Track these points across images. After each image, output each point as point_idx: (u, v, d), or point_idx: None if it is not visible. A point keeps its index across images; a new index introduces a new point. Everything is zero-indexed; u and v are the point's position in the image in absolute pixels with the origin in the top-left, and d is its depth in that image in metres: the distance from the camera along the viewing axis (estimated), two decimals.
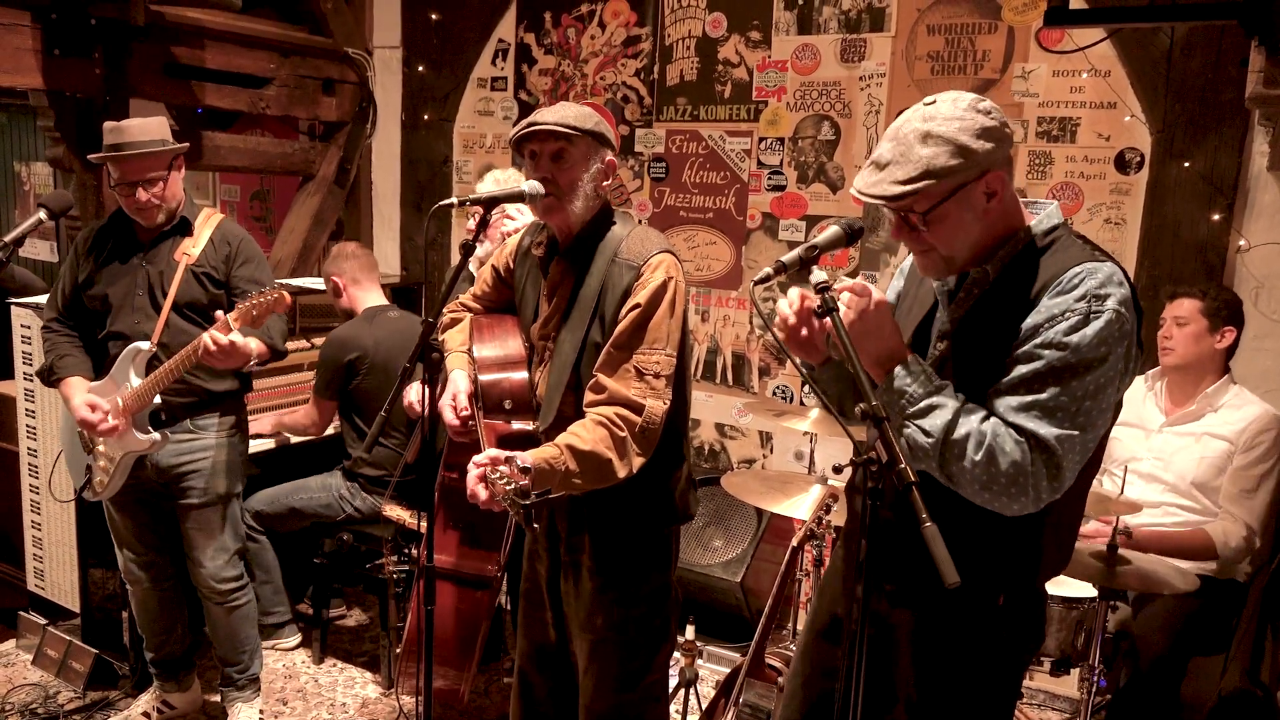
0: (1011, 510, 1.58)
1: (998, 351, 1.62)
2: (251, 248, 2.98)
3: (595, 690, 2.14)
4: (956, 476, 1.59)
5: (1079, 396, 1.54)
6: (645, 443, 1.95)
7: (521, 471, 1.72)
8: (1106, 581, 2.42)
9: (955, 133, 1.57)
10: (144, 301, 2.87)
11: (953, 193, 1.59)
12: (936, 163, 1.57)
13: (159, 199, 2.83)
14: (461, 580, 2.60)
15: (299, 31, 4.56)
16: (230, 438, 3.01)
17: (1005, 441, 1.54)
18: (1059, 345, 1.54)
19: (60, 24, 3.57)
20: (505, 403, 2.09)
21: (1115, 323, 1.54)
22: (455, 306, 2.39)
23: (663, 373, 1.96)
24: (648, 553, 2.12)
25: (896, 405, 1.61)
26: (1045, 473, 1.55)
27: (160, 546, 3.08)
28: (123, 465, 2.89)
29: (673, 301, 1.99)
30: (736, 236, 4.10)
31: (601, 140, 2.03)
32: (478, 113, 4.67)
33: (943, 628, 1.77)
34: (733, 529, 3.86)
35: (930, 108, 1.61)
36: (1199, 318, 2.88)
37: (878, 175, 1.62)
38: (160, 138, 2.82)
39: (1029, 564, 1.75)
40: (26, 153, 7.39)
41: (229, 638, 3.12)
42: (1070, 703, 3.48)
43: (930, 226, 1.62)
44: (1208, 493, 2.86)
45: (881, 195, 1.61)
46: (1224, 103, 3.16)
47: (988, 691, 1.79)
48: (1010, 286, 1.64)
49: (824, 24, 3.81)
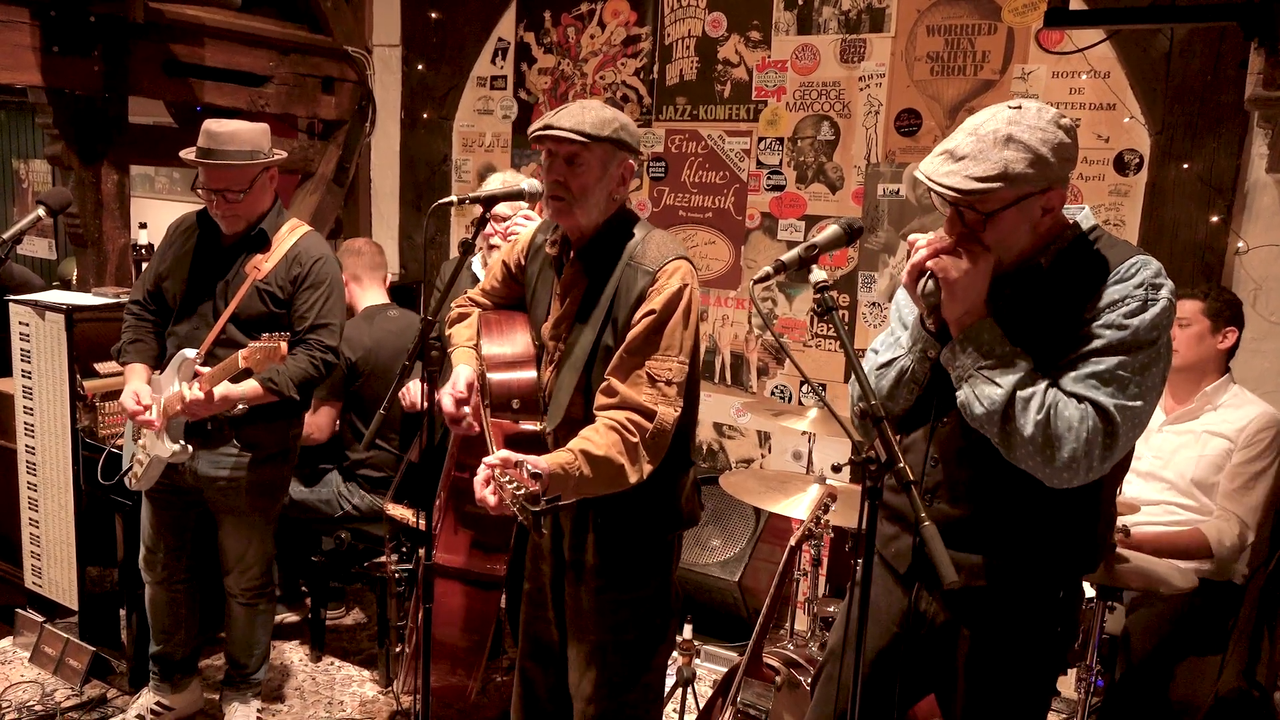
0: (1062, 479, 1.64)
1: (1052, 336, 1.68)
2: (324, 272, 2.86)
3: (593, 690, 2.14)
4: (1013, 435, 1.63)
5: (1136, 370, 1.62)
6: (655, 449, 1.95)
7: (532, 477, 1.71)
8: (1105, 580, 2.42)
9: (1037, 143, 1.61)
10: (206, 309, 2.84)
11: (1018, 200, 1.63)
12: (1015, 168, 1.60)
13: (236, 213, 2.79)
14: (471, 580, 2.61)
15: (298, 29, 4.56)
16: (273, 456, 2.94)
17: (1066, 406, 1.62)
18: (1120, 326, 1.62)
19: (59, 21, 3.57)
20: (513, 402, 2.08)
21: (1168, 310, 1.64)
22: (463, 301, 2.38)
23: (675, 380, 1.95)
24: (651, 556, 2.12)
25: (972, 356, 1.66)
26: (1101, 441, 1.61)
27: (178, 549, 3.03)
28: (153, 465, 2.87)
29: (687, 309, 1.98)
30: (735, 236, 4.10)
31: (621, 145, 1.99)
32: (477, 111, 4.67)
33: (1003, 621, 1.80)
34: (731, 528, 3.86)
35: (1016, 112, 1.63)
36: (1201, 319, 2.88)
37: (952, 166, 1.64)
38: (251, 148, 2.75)
39: (1085, 557, 1.81)
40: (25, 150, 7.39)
41: (243, 638, 3.11)
42: (1068, 703, 3.48)
43: (988, 227, 1.66)
44: (1207, 491, 2.87)
45: (954, 187, 1.63)
46: (1223, 104, 3.16)
47: (1037, 685, 1.85)
48: (1065, 275, 1.70)
49: (824, 24, 3.81)
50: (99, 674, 3.39)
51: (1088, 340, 1.63)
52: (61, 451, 3.42)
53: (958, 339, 1.68)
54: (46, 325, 3.37)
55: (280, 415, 2.90)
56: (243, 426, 2.85)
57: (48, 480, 3.50)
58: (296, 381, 2.81)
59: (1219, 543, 2.77)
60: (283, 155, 2.88)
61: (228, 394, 2.69)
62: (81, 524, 3.41)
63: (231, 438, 2.87)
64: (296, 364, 2.79)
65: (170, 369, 2.85)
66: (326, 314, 2.87)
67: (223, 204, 2.77)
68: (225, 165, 2.72)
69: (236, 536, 2.98)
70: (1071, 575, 1.82)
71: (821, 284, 1.58)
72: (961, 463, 1.77)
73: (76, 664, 3.38)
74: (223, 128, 2.74)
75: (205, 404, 2.68)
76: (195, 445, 2.84)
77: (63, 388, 3.36)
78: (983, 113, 1.67)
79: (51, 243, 7.00)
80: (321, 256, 2.89)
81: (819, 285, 1.58)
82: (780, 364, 4.08)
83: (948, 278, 1.66)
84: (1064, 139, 1.63)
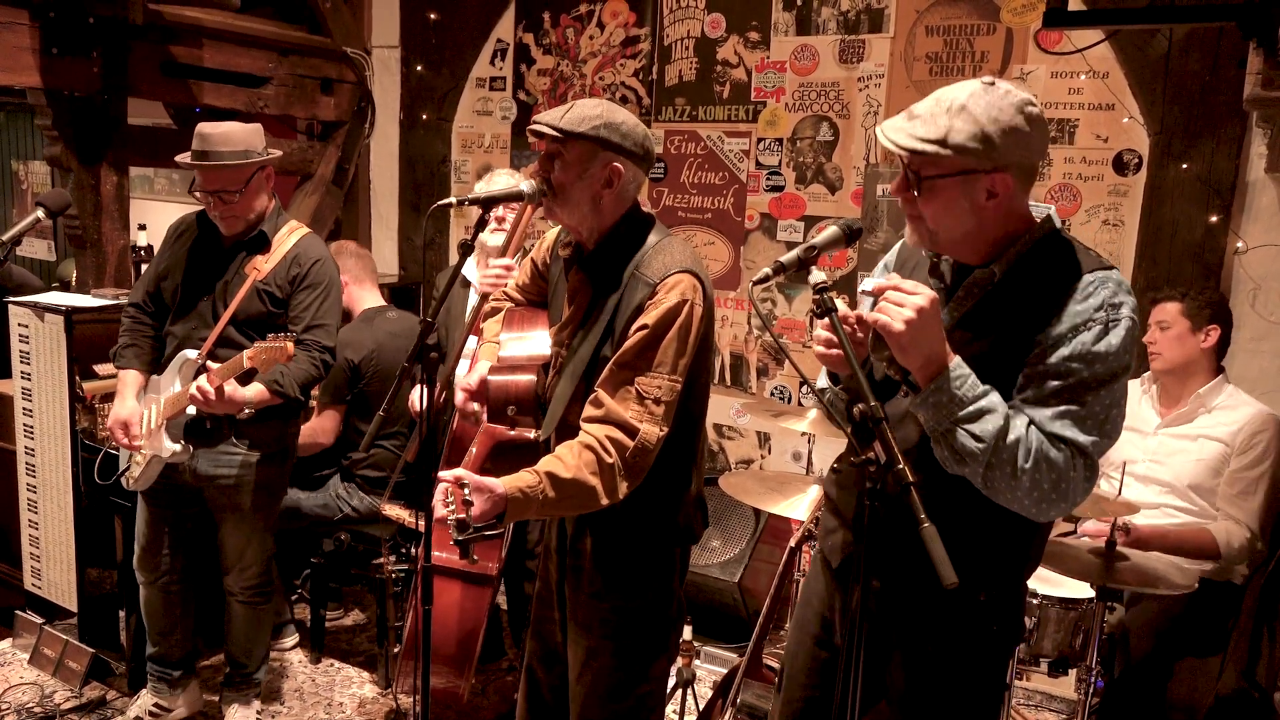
0: (1049, 515, 1.63)
1: (1007, 349, 1.63)
2: (322, 273, 2.88)
3: (586, 697, 2.11)
4: (999, 482, 1.60)
5: (1108, 404, 1.59)
6: (634, 469, 1.89)
7: (465, 504, 1.71)
8: (1104, 579, 2.42)
9: (987, 120, 1.57)
10: (205, 308, 2.86)
11: (958, 173, 1.59)
12: (955, 138, 1.57)
13: (234, 214, 2.81)
14: (463, 578, 2.60)
15: (297, 31, 4.56)
16: (272, 455, 2.94)
17: (1049, 450, 1.58)
18: (1088, 357, 1.57)
19: (58, 23, 3.57)
20: (509, 407, 2.05)
21: (1132, 329, 1.60)
22: (500, 295, 2.37)
23: (663, 399, 1.89)
24: (648, 566, 2.08)
25: (946, 409, 1.59)
26: (1083, 476, 1.60)
27: (172, 549, 3.03)
28: (152, 465, 2.88)
29: (685, 326, 1.89)
30: (735, 237, 4.10)
31: (604, 144, 1.91)
32: (476, 112, 4.67)
33: (930, 623, 1.78)
34: (730, 529, 3.86)
35: (983, 89, 1.61)
36: (1180, 319, 2.88)
37: (904, 123, 1.64)
38: (244, 148, 2.75)
39: (1016, 563, 1.79)
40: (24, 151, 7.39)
41: (243, 637, 3.11)
42: (1067, 704, 3.48)
43: (923, 195, 1.63)
44: (1203, 494, 2.87)
45: (895, 141, 1.63)
46: (1222, 105, 3.16)
47: (976, 684, 1.82)
48: (1020, 286, 1.64)
49: (823, 25, 3.81)
50: (98, 676, 3.39)
51: (1054, 371, 1.58)
52: (61, 453, 3.42)
53: (926, 391, 1.60)
54: (46, 327, 3.37)
55: (278, 415, 2.91)
56: (242, 425, 2.86)
57: (47, 482, 3.50)
58: (300, 384, 2.82)
59: (1228, 544, 2.77)
60: (278, 154, 2.88)
61: (234, 395, 2.69)
62: (81, 526, 3.41)
63: (230, 436, 2.88)
64: (299, 366, 2.80)
65: (171, 370, 2.86)
66: (323, 315, 2.88)
67: (219, 205, 2.78)
68: (219, 166, 2.72)
69: (236, 536, 2.98)
70: (1000, 578, 1.78)
71: (820, 285, 1.56)
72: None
73: (76, 666, 3.38)
74: (215, 129, 2.75)
75: (216, 399, 2.67)
76: (194, 444, 2.85)
77: (62, 389, 3.36)
78: (958, 84, 1.65)
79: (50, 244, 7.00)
80: (320, 258, 2.90)
81: (818, 286, 1.56)
82: (780, 365, 4.08)
83: (891, 330, 1.56)
84: (1018, 123, 1.57)
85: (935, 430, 1.62)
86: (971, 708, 1.83)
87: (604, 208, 1.98)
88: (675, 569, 2.13)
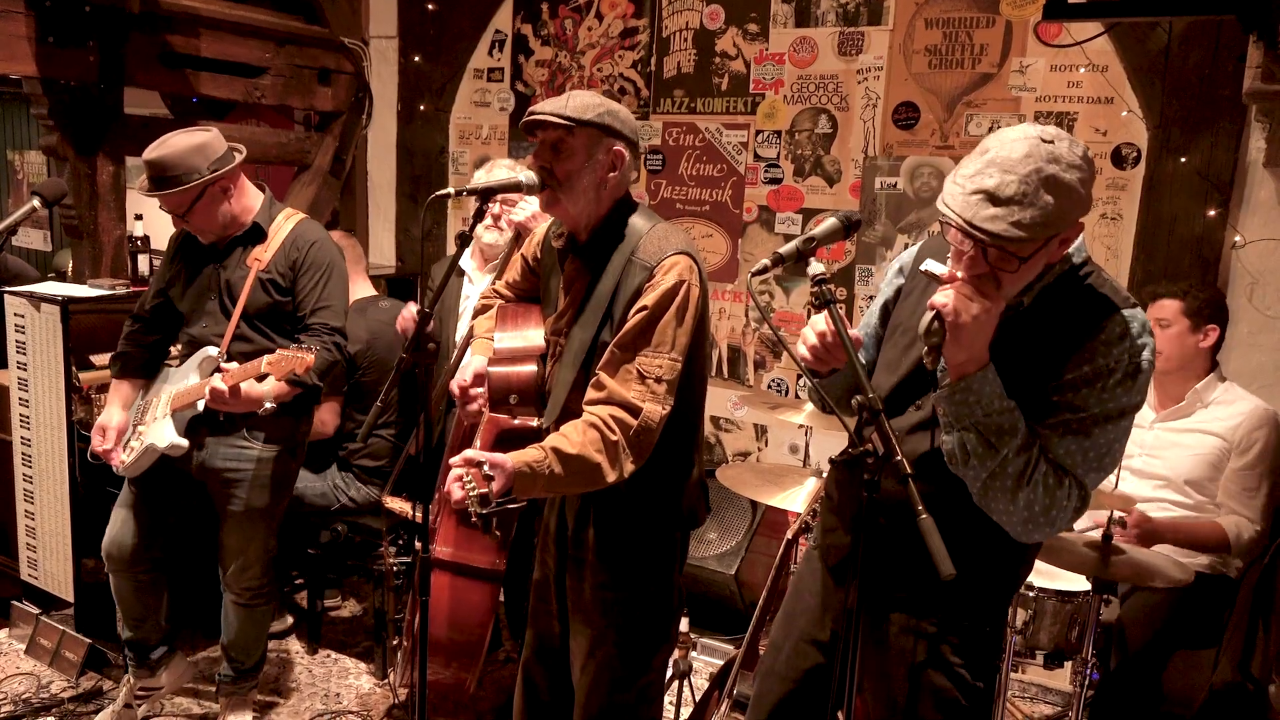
0: (1032, 538, 1.66)
1: (1026, 375, 1.63)
2: (321, 255, 2.85)
3: (590, 689, 2.13)
4: (996, 493, 1.62)
5: (1113, 438, 1.63)
6: (639, 447, 1.91)
7: (486, 479, 1.74)
8: (1100, 572, 2.43)
9: (1077, 184, 1.52)
10: (215, 307, 2.85)
11: (1049, 240, 1.56)
12: (1059, 214, 1.51)
13: (198, 228, 2.81)
14: (472, 574, 2.60)
15: (295, 20, 4.54)
16: (281, 452, 2.92)
17: (1050, 476, 1.61)
18: (1105, 396, 1.60)
19: (55, 11, 3.55)
20: (511, 397, 2.07)
21: (1148, 372, 1.62)
22: (489, 292, 2.38)
23: (665, 378, 1.92)
24: (652, 553, 2.10)
25: (970, 408, 1.60)
26: (1074, 506, 1.63)
27: (150, 538, 2.97)
28: (146, 454, 2.85)
29: (683, 306, 1.93)
30: (733, 229, 4.09)
31: (607, 131, 1.96)
32: (474, 104, 4.66)
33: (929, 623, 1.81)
34: (727, 521, 3.86)
35: (1050, 147, 1.51)
36: (1181, 318, 2.87)
37: (993, 210, 1.50)
38: (185, 170, 2.70)
39: (1002, 591, 1.87)
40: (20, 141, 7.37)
41: (241, 638, 3.07)
42: (1062, 696, 3.49)
43: (1020, 270, 1.57)
44: (1200, 488, 2.87)
45: (999, 234, 1.50)
46: (1221, 98, 3.16)
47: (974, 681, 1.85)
48: (1045, 315, 1.65)
49: (822, 17, 3.80)
50: (95, 666, 3.39)
51: (1069, 404, 1.60)
52: (57, 443, 3.42)
53: (956, 385, 1.60)
54: (42, 317, 3.37)
55: (291, 410, 2.88)
56: (253, 419, 2.83)
57: (43, 472, 3.50)
58: (318, 371, 2.77)
59: (1238, 537, 2.77)
60: (231, 166, 2.78)
61: (250, 392, 2.68)
62: (77, 516, 3.41)
63: (242, 428, 2.85)
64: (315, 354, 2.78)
65: (190, 363, 2.85)
66: (328, 296, 2.85)
67: (179, 222, 2.80)
68: (161, 195, 2.73)
69: (238, 534, 2.94)
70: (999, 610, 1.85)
71: (819, 277, 1.57)
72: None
73: (73, 656, 3.38)
74: (155, 153, 2.72)
75: (231, 398, 2.66)
76: (205, 434, 2.83)
77: (58, 379, 3.36)
78: (1011, 142, 1.53)
79: (46, 234, 6.99)
80: (317, 240, 2.88)
81: (816, 278, 1.57)
82: (777, 357, 4.08)
83: (958, 321, 1.55)
84: (1090, 174, 1.55)
85: (952, 423, 1.64)
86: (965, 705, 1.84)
87: (605, 194, 2.01)
88: (676, 556, 2.14)
